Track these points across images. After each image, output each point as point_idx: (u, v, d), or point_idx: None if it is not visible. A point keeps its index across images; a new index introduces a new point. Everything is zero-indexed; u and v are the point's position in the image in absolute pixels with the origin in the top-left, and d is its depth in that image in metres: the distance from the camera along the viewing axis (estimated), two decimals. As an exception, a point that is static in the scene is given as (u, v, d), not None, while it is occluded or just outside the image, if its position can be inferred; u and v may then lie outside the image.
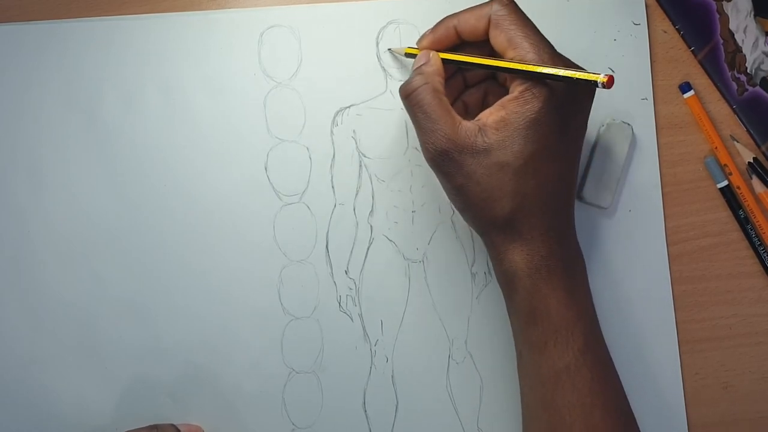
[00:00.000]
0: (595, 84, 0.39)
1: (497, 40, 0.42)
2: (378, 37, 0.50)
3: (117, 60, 0.50)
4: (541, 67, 0.40)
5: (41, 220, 0.50)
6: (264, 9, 0.51)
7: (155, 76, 0.50)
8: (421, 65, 0.44)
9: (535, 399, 0.43)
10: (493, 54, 0.44)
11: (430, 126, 0.42)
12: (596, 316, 0.44)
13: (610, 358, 0.44)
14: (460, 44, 0.46)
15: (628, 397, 0.44)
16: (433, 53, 0.45)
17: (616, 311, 0.50)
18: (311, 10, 0.51)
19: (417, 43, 0.47)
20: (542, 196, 0.41)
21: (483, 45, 0.44)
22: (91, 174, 0.50)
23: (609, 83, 0.38)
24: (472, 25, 0.43)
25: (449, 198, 0.44)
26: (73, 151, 0.50)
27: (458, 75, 0.47)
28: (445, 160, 0.42)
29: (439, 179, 0.44)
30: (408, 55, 0.48)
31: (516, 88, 0.41)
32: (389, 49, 0.50)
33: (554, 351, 0.41)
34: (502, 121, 0.41)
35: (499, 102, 0.42)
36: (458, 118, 0.42)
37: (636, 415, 0.44)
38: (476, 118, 0.42)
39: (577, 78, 0.39)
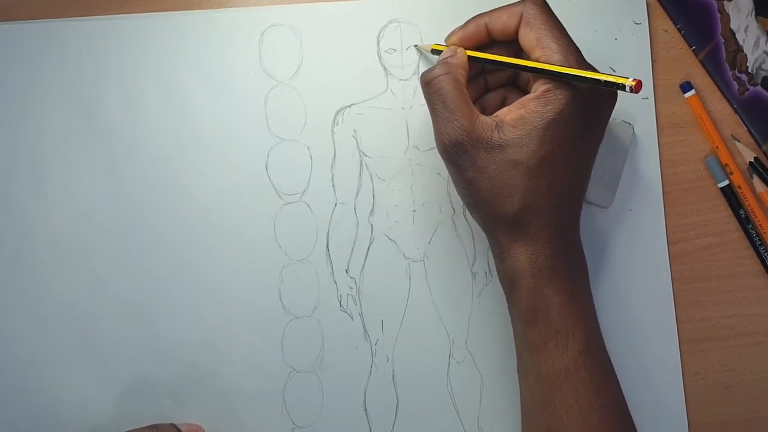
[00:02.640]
0: (623, 87, 0.39)
1: (526, 38, 0.42)
2: (379, 36, 0.50)
3: (118, 59, 0.50)
4: (569, 69, 0.40)
5: (42, 220, 0.50)
6: (265, 8, 0.51)
7: (156, 75, 0.50)
8: (447, 57, 0.44)
9: (534, 399, 0.43)
10: (519, 56, 0.44)
11: (447, 116, 0.42)
12: (596, 318, 0.44)
13: (609, 360, 0.44)
14: (486, 45, 0.46)
15: (629, 397, 0.44)
16: (460, 49, 0.45)
17: (617, 311, 0.50)
18: (312, 9, 0.51)
19: (445, 40, 0.47)
20: (553, 197, 0.41)
21: (509, 47, 0.44)
22: (92, 173, 0.50)
23: (637, 87, 0.38)
24: (503, 23, 0.43)
25: (458, 192, 0.44)
26: (73, 151, 0.50)
27: (480, 78, 0.47)
28: (458, 151, 0.41)
29: (449, 171, 0.44)
30: (434, 51, 0.48)
31: (538, 88, 0.41)
32: (415, 46, 0.50)
33: (554, 352, 0.41)
34: (520, 119, 0.41)
35: (519, 101, 0.42)
36: (476, 111, 0.42)
37: (636, 415, 0.44)
38: (494, 114, 0.42)
39: (605, 81, 0.39)
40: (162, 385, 0.49)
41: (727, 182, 0.51)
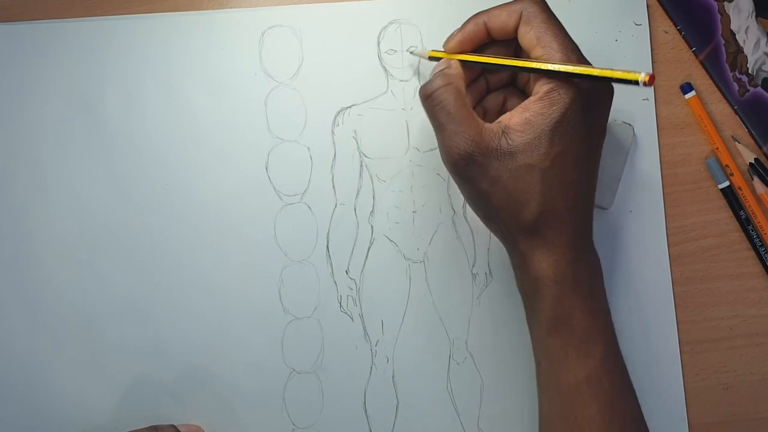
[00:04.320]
0: (636, 83, 0.38)
1: (526, 36, 0.42)
2: (379, 36, 0.50)
3: (118, 59, 0.50)
4: (578, 67, 0.39)
5: (42, 220, 0.50)
6: (265, 9, 0.51)
7: (156, 76, 0.50)
8: (443, 68, 0.43)
9: (553, 409, 0.42)
10: (519, 55, 0.43)
11: (453, 128, 0.41)
12: (613, 323, 0.43)
13: (625, 366, 0.43)
14: (485, 46, 0.45)
15: (629, 398, 0.44)
16: (453, 61, 0.44)
17: (617, 311, 0.49)
18: (312, 9, 0.51)
19: (444, 44, 0.45)
20: (568, 200, 0.41)
21: (508, 46, 0.44)
22: (92, 173, 0.50)
23: (650, 81, 0.37)
24: (502, 21, 0.43)
25: (471, 206, 0.44)
26: (74, 151, 0.50)
27: (481, 79, 0.46)
28: (469, 164, 0.40)
29: (460, 186, 0.43)
30: (432, 58, 0.47)
31: (541, 89, 0.40)
32: (411, 51, 0.50)
33: (576, 361, 0.41)
34: (526, 122, 0.40)
35: (521, 104, 0.41)
36: (481, 120, 0.41)
37: (637, 416, 0.44)
38: (497, 121, 0.42)
39: (617, 78, 0.38)
40: (162, 385, 0.49)
41: (727, 183, 0.51)
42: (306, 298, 0.50)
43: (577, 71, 0.39)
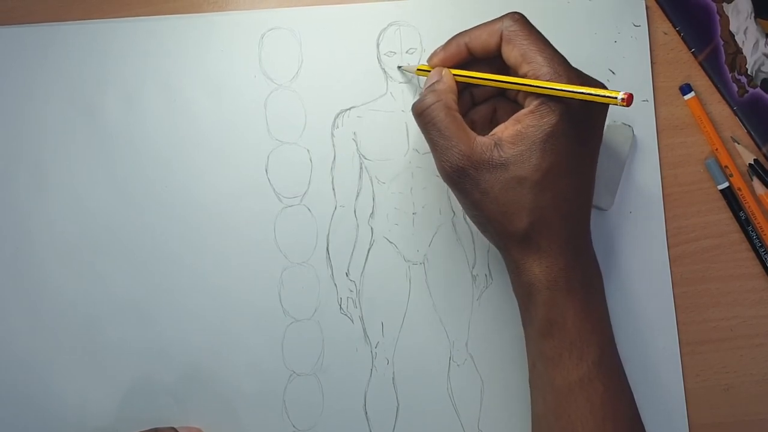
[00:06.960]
0: (614, 101, 0.38)
1: (510, 55, 0.42)
2: (379, 38, 0.51)
3: (119, 62, 0.50)
4: (559, 85, 0.40)
5: (43, 220, 0.50)
6: (264, 11, 0.51)
7: (157, 78, 0.50)
8: (434, 83, 0.44)
9: (548, 410, 0.42)
10: (503, 70, 0.44)
11: (445, 143, 0.42)
12: (611, 326, 0.44)
13: (623, 369, 0.43)
14: (470, 62, 0.45)
15: (630, 400, 0.44)
16: (445, 71, 0.44)
17: (617, 313, 0.50)
18: (312, 12, 0.51)
19: (428, 61, 0.46)
20: (560, 209, 0.41)
21: (492, 62, 0.44)
22: (93, 175, 0.50)
23: (628, 101, 0.38)
24: (483, 41, 0.43)
25: (467, 214, 0.44)
26: (75, 152, 0.50)
27: (466, 92, 0.46)
28: (461, 176, 0.41)
29: (456, 196, 0.44)
30: (420, 72, 0.48)
31: (532, 102, 0.41)
32: (399, 68, 0.50)
33: (569, 363, 0.41)
34: (518, 135, 0.41)
35: (514, 116, 0.42)
36: (473, 133, 0.42)
37: (637, 418, 0.44)
38: (491, 133, 0.42)
39: (595, 95, 0.39)
40: (163, 386, 0.49)
41: (727, 184, 0.51)
42: (306, 300, 0.50)
43: (558, 88, 0.40)
